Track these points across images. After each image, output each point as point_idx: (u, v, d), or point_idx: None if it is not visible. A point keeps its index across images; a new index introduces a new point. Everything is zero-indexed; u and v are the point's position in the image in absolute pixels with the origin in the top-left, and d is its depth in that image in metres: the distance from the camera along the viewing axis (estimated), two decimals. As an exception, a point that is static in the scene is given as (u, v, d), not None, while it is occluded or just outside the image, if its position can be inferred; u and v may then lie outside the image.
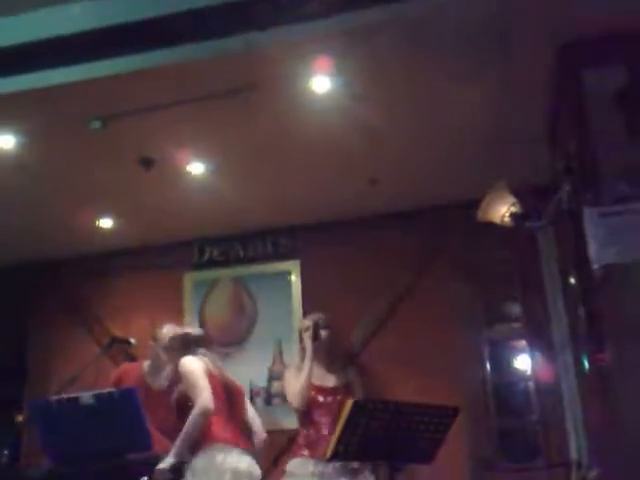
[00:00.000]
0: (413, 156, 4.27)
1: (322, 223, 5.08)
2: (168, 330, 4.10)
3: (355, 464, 3.81)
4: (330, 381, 4.20)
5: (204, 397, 3.41)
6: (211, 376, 3.60)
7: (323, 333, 4.33)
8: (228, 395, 3.67)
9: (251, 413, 3.89)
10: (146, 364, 4.28)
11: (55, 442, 3.38)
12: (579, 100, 3.27)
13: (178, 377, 3.63)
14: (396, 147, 4.16)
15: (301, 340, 4.37)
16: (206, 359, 3.69)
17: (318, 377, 4.22)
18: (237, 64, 3.37)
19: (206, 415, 3.37)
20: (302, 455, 3.97)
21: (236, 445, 3.51)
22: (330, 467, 3.77)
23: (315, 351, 4.26)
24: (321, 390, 4.11)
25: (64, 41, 3.19)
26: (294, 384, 4.17)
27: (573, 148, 3.39)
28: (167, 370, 4.11)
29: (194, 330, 4.00)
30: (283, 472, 4.02)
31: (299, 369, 4.23)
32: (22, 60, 3.25)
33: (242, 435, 3.68)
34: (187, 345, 3.75)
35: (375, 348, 4.88)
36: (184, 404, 3.51)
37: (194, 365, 3.58)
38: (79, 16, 3.15)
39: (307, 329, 4.31)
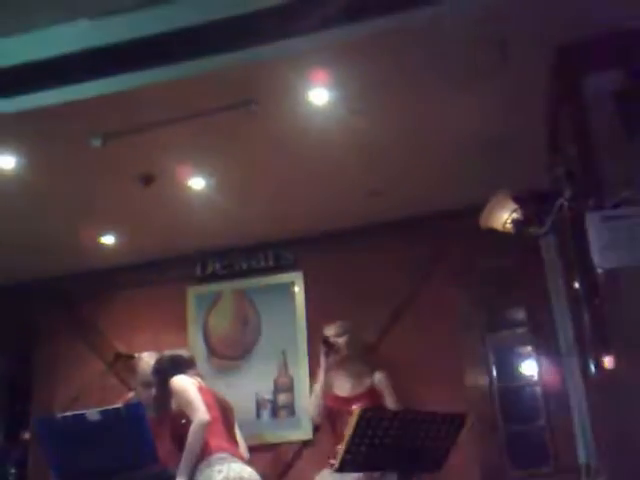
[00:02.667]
0: (413, 165, 4.28)
1: (323, 234, 5.08)
2: (148, 359, 4.10)
3: (376, 474, 3.79)
4: (352, 389, 4.19)
5: (200, 411, 3.42)
6: (203, 390, 3.61)
7: (340, 341, 4.31)
8: (221, 409, 3.68)
9: (238, 433, 3.92)
10: (132, 394, 4.27)
11: (61, 459, 3.38)
12: (579, 104, 3.28)
13: (170, 397, 3.62)
14: (396, 156, 4.16)
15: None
16: (197, 378, 3.71)
17: (340, 386, 4.22)
18: (235, 79, 3.38)
19: (204, 428, 3.38)
20: (328, 466, 3.97)
21: (235, 454, 3.51)
22: (353, 477, 3.76)
23: (334, 362, 4.25)
24: (342, 400, 4.10)
25: (63, 60, 3.20)
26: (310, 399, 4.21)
27: (574, 152, 3.39)
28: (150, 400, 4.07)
29: (181, 352, 4.02)
30: None
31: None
32: (21, 80, 3.26)
33: (236, 446, 3.70)
34: (176, 367, 3.76)
35: (379, 357, 4.87)
36: (178, 422, 3.52)
37: (185, 382, 3.59)
38: (78, 35, 3.16)
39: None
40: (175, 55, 3.23)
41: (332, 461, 3.93)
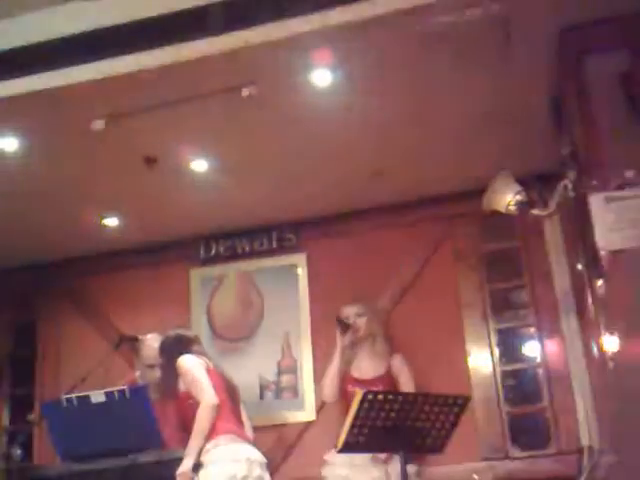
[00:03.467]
0: (417, 146, 4.26)
1: (327, 216, 5.07)
2: (152, 342, 4.10)
3: (382, 455, 3.81)
4: (369, 372, 4.18)
5: (208, 393, 3.42)
6: (210, 372, 3.61)
7: (359, 322, 4.29)
8: (228, 390, 3.69)
9: (244, 412, 3.93)
10: (138, 373, 4.27)
11: (67, 440, 3.41)
12: (582, 85, 3.25)
13: (177, 377, 3.61)
14: (399, 138, 4.15)
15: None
16: (203, 357, 3.71)
17: (357, 368, 4.21)
18: (238, 60, 3.36)
19: (213, 410, 3.39)
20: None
21: (240, 436, 3.53)
22: (365, 457, 3.77)
23: (352, 343, 4.24)
24: (359, 382, 4.09)
25: (65, 42, 3.20)
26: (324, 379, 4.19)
27: (577, 134, 3.38)
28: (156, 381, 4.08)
29: (186, 331, 4.01)
30: (324, 462, 4.02)
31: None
32: (23, 62, 3.26)
33: (242, 428, 3.71)
34: (182, 346, 3.75)
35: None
36: (185, 403, 3.52)
37: (192, 362, 3.59)
38: (79, 17, 3.16)
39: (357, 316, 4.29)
40: (176, 36, 3.22)
41: None
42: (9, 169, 4.14)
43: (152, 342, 4.11)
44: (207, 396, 3.42)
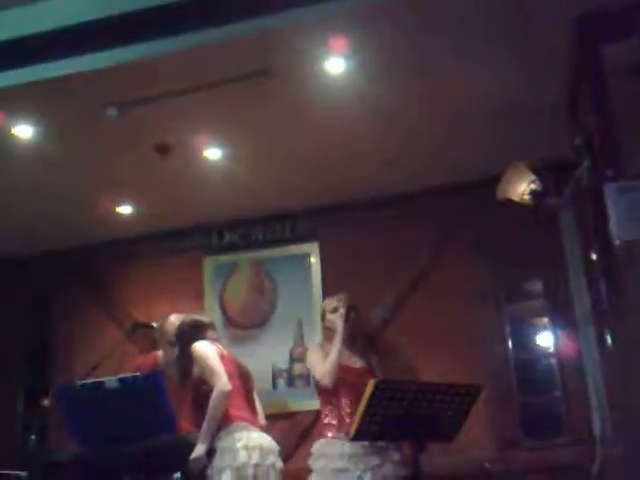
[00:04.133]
0: (430, 136, 4.24)
1: (340, 205, 5.07)
2: (175, 320, 4.12)
3: (382, 443, 3.80)
4: (356, 362, 4.18)
5: (222, 379, 3.44)
6: (224, 358, 3.63)
7: (352, 315, 4.28)
8: (242, 377, 3.71)
9: (257, 399, 3.94)
10: (160, 353, 4.32)
11: (81, 425, 3.43)
12: (598, 74, 3.22)
13: (192, 362, 3.64)
14: (412, 127, 4.13)
15: (323, 319, 4.33)
16: (217, 344, 3.73)
17: (345, 357, 4.20)
18: (251, 48, 3.36)
19: (226, 397, 3.41)
20: (329, 436, 3.96)
21: (253, 423, 3.55)
22: (358, 447, 3.77)
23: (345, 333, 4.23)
24: (348, 370, 4.09)
25: (79, 29, 3.19)
26: (321, 362, 4.12)
27: (593, 123, 3.35)
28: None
29: (201, 316, 4.02)
30: (311, 454, 4.02)
31: (322, 348, 4.20)
32: (37, 50, 3.26)
33: (255, 415, 3.73)
34: (197, 332, 3.77)
35: (395, 329, 4.88)
36: (199, 388, 3.54)
37: (207, 348, 3.61)
38: (94, 3, 3.15)
39: (334, 310, 4.26)
40: (190, 24, 3.21)
41: (332, 432, 3.95)
42: (23, 157, 4.17)
43: (175, 320, 4.14)
44: (221, 382, 3.43)
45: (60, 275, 5.58)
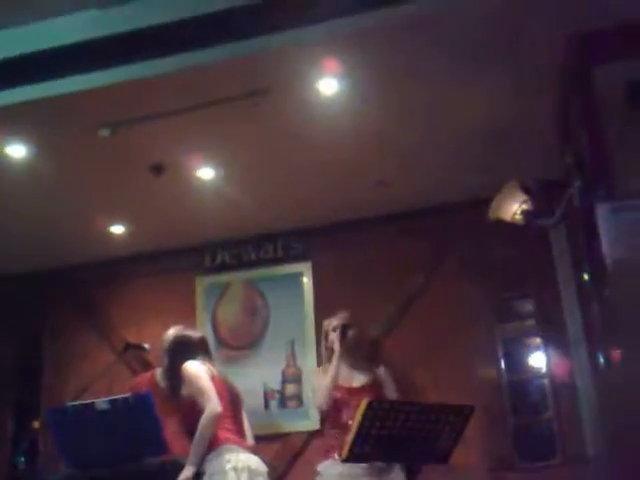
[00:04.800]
0: (422, 156, 4.26)
1: (333, 225, 5.08)
2: (172, 333, 4.11)
3: (382, 463, 3.78)
4: (357, 381, 4.15)
5: (212, 401, 3.41)
6: (215, 379, 3.60)
7: (350, 332, 4.26)
8: (231, 398, 3.68)
9: (245, 420, 3.91)
10: (159, 370, 4.29)
11: (71, 447, 3.40)
12: (588, 94, 3.25)
13: (182, 381, 3.61)
14: (405, 147, 4.15)
15: (327, 340, 4.31)
16: (208, 364, 3.70)
17: (344, 378, 4.17)
18: (244, 69, 3.38)
19: (216, 419, 3.38)
20: (332, 457, 3.95)
21: (242, 445, 3.53)
22: (358, 468, 3.74)
23: (342, 351, 4.21)
24: (348, 391, 4.07)
25: (73, 49, 3.21)
26: (320, 385, 4.13)
27: (584, 143, 3.37)
28: None
29: (193, 333, 3.98)
30: (316, 473, 4.00)
31: (325, 370, 4.20)
32: (31, 69, 3.27)
33: (243, 436, 3.70)
34: (186, 348, 3.74)
35: (387, 348, 4.87)
36: (189, 409, 3.51)
37: (198, 369, 3.58)
38: (88, 24, 3.17)
39: (335, 329, 4.26)
40: (184, 45, 3.23)
41: (334, 453, 3.93)
42: (16, 176, 4.16)
43: (174, 330, 4.12)
44: (211, 405, 3.40)
45: (51, 294, 5.55)
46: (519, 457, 4.47)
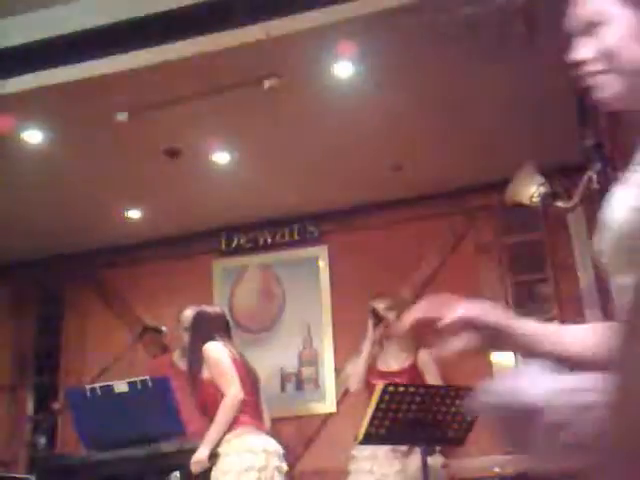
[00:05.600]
0: (437, 139, 4.24)
1: (349, 209, 5.07)
2: (190, 311, 4.13)
3: (403, 447, 3.79)
4: (394, 364, 4.15)
5: (234, 387, 3.42)
6: (236, 362, 3.61)
7: (390, 316, 4.24)
8: (251, 381, 3.69)
9: (263, 403, 3.92)
10: (176, 352, 4.33)
11: (90, 429, 3.44)
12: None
13: (203, 361, 3.58)
14: (420, 130, 4.13)
15: (377, 318, 4.29)
16: (229, 345, 3.70)
17: (383, 361, 4.16)
18: (260, 53, 3.37)
19: (237, 406, 3.39)
20: None
21: (260, 428, 3.55)
22: (384, 450, 3.76)
23: (381, 336, 4.20)
24: (383, 375, 4.05)
25: (88, 35, 3.21)
26: (353, 370, 4.16)
27: (603, 126, 3.33)
28: None
29: (212, 309, 3.92)
30: (352, 456, 4.01)
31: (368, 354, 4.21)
32: (47, 55, 3.28)
33: (261, 419, 3.72)
34: (206, 324, 3.70)
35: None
36: (208, 389, 3.51)
37: (221, 353, 3.58)
38: (102, 10, 3.17)
39: (391, 308, 4.23)
40: (198, 29, 3.22)
41: None
42: (32, 161, 4.18)
43: (191, 311, 4.16)
44: (234, 390, 3.41)
45: (70, 279, 5.60)
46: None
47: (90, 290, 5.56)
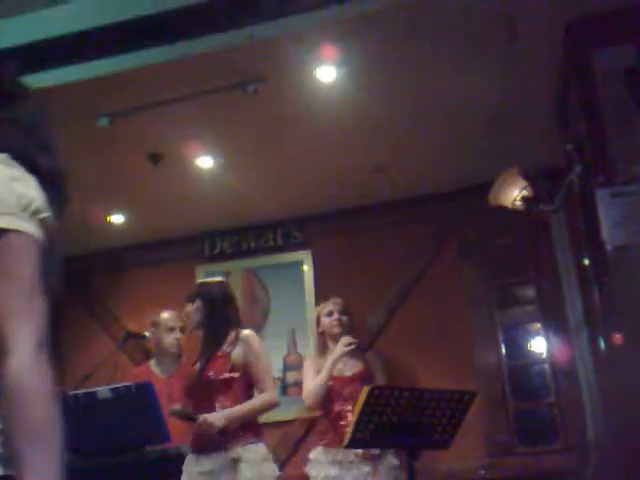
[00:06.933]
0: (421, 143, 4.26)
1: (333, 212, 5.08)
2: (169, 314, 4.11)
3: (376, 450, 3.80)
4: (349, 370, 4.16)
5: (274, 390, 3.37)
6: None
7: (343, 319, 4.24)
8: None
9: None
10: (153, 361, 4.30)
11: (73, 436, 3.40)
12: (588, 79, 3.24)
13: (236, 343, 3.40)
14: (403, 134, 4.15)
15: (318, 324, 4.30)
16: None
17: (338, 368, 4.15)
18: (243, 57, 3.37)
19: (272, 409, 3.35)
20: (324, 444, 3.98)
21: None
22: (351, 455, 3.77)
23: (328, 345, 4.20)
24: (340, 380, 4.08)
25: (70, 39, 3.19)
26: (312, 378, 4.11)
27: (583, 129, 3.37)
28: (173, 353, 4.12)
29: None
30: (308, 460, 4.02)
31: (316, 361, 4.19)
32: (28, 59, 3.25)
33: None
34: (230, 307, 3.56)
35: (389, 335, 4.88)
36: (225, 369, 3.38)
37: (264, 348, 3.49)
38: (84, 14, 3.15)
39: (329, 313, 4.23)
40: (183, 32, 3.21)
41: (326, 439, 3.96)
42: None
43: (170, 313, 4.18)
44: (274, 393, 3.36)
45: (52, 285, 5.56)
46: (519, 442, 4.49)
47: (71, 295, 5.51)
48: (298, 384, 4.90)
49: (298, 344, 5.01)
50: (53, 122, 3.63)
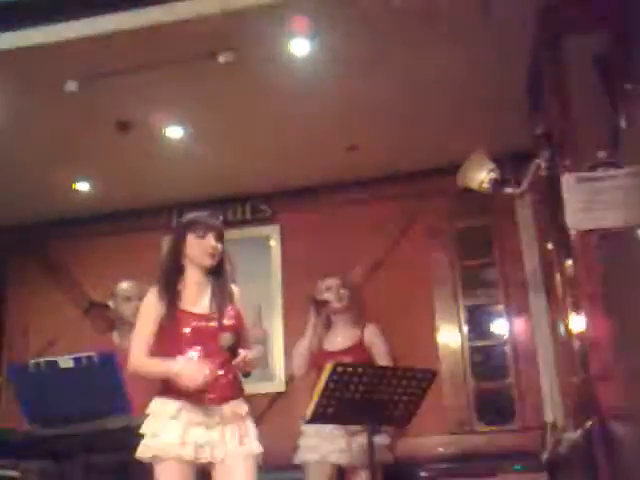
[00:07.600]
0: (392, 122, 4.26)
1: (302, 188, 5.06)
2: (127, 284, 4.08)
3: (353, 427, 3.80)
4: (340, 344, 4.15)
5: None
6: None
7: (342, 293, 4.21)
8: None
9: None
10: (115, 332, 4.23)
11: (34, 405, 3.39)
12: (558, 66, 3.26)
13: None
14: (374, 112, 4.14)
15: (319, 303, 4.24)
16: None
17: (329, 341, 4.15)
18: (214, 26, 3.32)
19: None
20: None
21: None
22: (334, 429, 3.77)
23: (327, 318, 4.17)
24: (329, 355, 4.05)
25: (39, 1, 3.13)
26: (295, 352, 4.13)
27: (553, 114, 3.39)
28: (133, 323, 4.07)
29: None
30: (300, 432, 4.00)
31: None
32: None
33: None
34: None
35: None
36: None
37: None
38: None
39: (329, 288, 4.18)
40: (152, -1, 3.16)
41: None
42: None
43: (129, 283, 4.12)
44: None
45: (16, 251, 5.48)
46: (479, 420, 4.57)
47: (36, 263, 5.45)
48: (262, 358, 4.91)
49: (263, 319, 5.01)
50: (19, 85, 3.58)
